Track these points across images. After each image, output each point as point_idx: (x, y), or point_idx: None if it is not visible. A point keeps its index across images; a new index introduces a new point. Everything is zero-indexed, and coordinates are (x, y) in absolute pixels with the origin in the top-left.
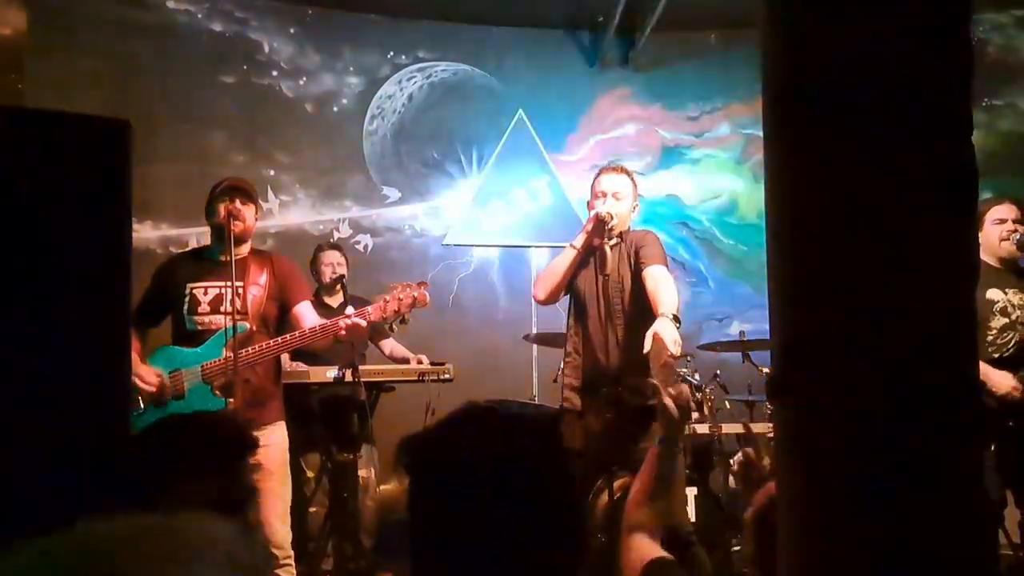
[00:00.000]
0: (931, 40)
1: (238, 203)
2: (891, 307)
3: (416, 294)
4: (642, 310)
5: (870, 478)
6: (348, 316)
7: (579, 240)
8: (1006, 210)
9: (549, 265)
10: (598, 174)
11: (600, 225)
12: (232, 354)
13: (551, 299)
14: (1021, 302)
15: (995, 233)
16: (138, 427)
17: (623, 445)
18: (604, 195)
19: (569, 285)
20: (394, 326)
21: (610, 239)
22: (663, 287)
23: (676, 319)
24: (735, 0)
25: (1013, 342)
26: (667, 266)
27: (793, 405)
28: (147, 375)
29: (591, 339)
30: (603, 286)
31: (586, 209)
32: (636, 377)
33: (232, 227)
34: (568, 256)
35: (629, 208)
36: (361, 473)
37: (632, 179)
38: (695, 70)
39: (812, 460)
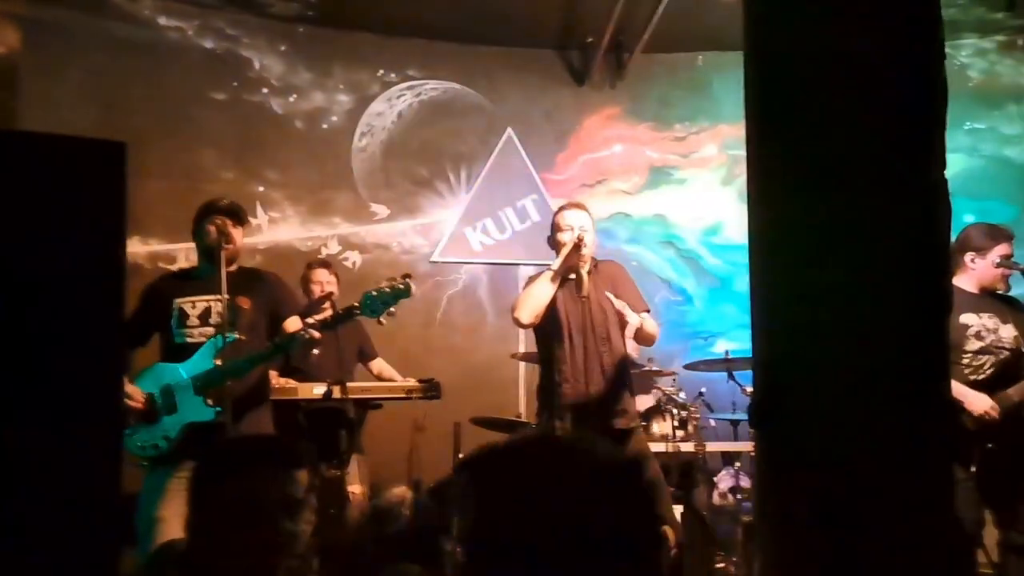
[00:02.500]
0: (905, 77)
1: (229, 225)
2: (866, 330)
3: (401, 285)
4: (618, 339)
5: (846, 499)
6: (331, 311)
7: (557, 263)
8: (1007, 248)
9: (531, 289)
10: (559, 211)
11: (576, 250)
12: (219, 363)
13: (535, 322)
14: (995, 326)
15: (994, 269)
16: (129, 447)
17: None
18: (571, 228)
19: (548, 309)
20: (382, 319)
21: (583, 264)
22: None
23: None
24: (722, 22)
25: (988, 365)
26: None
27: (773, 431)
28: (134, 392)
29: (578, 364)
30: (588, 313)
31: (547, 243)
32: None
33: (223, 250)
34: (548, 279)
35: (591, 241)
36: (352, 488)
37: (591, 215)
38: (682, 91)
39: (790, 483)
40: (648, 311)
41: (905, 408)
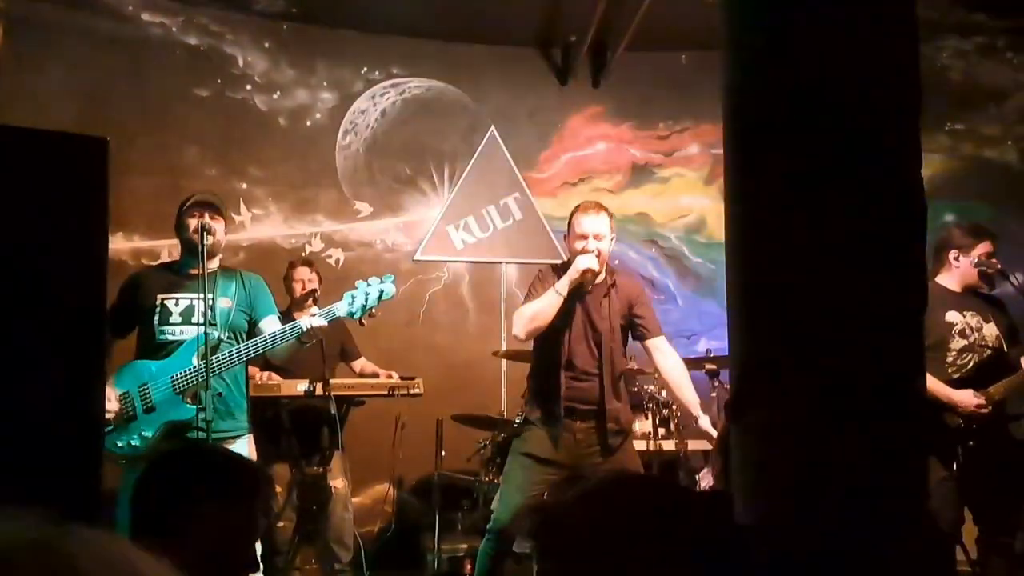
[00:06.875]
0: (880, 77)
1: (208, 217)
2: (842, 327)
3: (382, 287)
4: (621, 351)
5: (821, 493)
6: (312, 316)
7: (563, 287)
8: (988, 246)
9: (535, 307)
10: (577, 212)
11: (587, 275)
12: (201, 363)
13: (531, 338)
14: (979, 324)
15: (972, 268)
16: (107, 445)
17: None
18: (586, 237)
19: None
20: (363, 320)
21: (593, 281)
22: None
23: None
24: (705, 21)
25: (971, 363)
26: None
27: (748, 426)
28: (110, 394)
29: (577, 367)
30: (595, 327)
31: (562, 240)
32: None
33: (204, 241)
34: (555, 302)
35: (608, 246)
36: (335, 484)
37: (610, 216)
38: (665, 90)
39: (765, 476)
40: (663, 335)
41: (880, 404)
